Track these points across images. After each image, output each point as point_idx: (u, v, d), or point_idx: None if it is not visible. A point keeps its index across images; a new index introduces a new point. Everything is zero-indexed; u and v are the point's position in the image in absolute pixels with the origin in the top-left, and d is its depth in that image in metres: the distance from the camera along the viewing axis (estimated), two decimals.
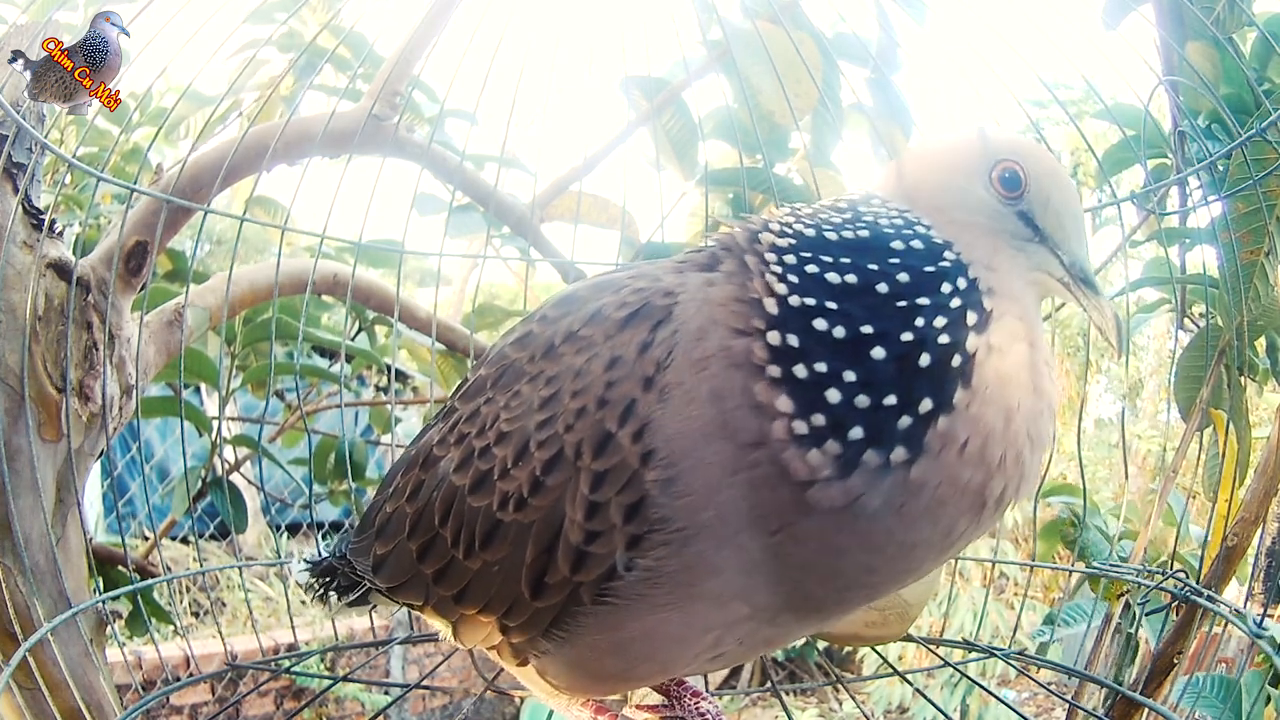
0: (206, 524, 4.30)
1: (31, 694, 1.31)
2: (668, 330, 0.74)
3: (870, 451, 0.68)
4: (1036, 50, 1.30)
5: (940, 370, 0.69)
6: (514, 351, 0.84)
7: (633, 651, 0.79)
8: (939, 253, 0.74)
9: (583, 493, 0.73)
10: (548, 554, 0.76)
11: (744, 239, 0.79)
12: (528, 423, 0.78)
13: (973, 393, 0.70)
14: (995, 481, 0.71)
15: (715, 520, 0.70)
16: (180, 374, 1.67)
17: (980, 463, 0.70)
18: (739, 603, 0.75)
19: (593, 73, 1.61)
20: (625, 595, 0.74)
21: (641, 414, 0.71)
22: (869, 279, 0.72)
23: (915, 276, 0.72)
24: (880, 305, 0.71)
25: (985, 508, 0.72)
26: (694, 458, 0.70)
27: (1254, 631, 1.18)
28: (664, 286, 0.78)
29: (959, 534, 0.73)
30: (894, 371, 0.69)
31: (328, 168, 1.72)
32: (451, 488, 0.84)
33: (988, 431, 0.70)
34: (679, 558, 0.72)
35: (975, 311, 0.72)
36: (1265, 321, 1.54)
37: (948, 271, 0.73)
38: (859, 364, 0.69)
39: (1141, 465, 5.91)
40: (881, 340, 0.70)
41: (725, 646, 0.80)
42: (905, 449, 0.68)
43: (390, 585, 0.93)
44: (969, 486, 0.70)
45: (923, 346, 0.70)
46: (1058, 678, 3.22)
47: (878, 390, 0.69)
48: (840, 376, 0.69)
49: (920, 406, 0.69)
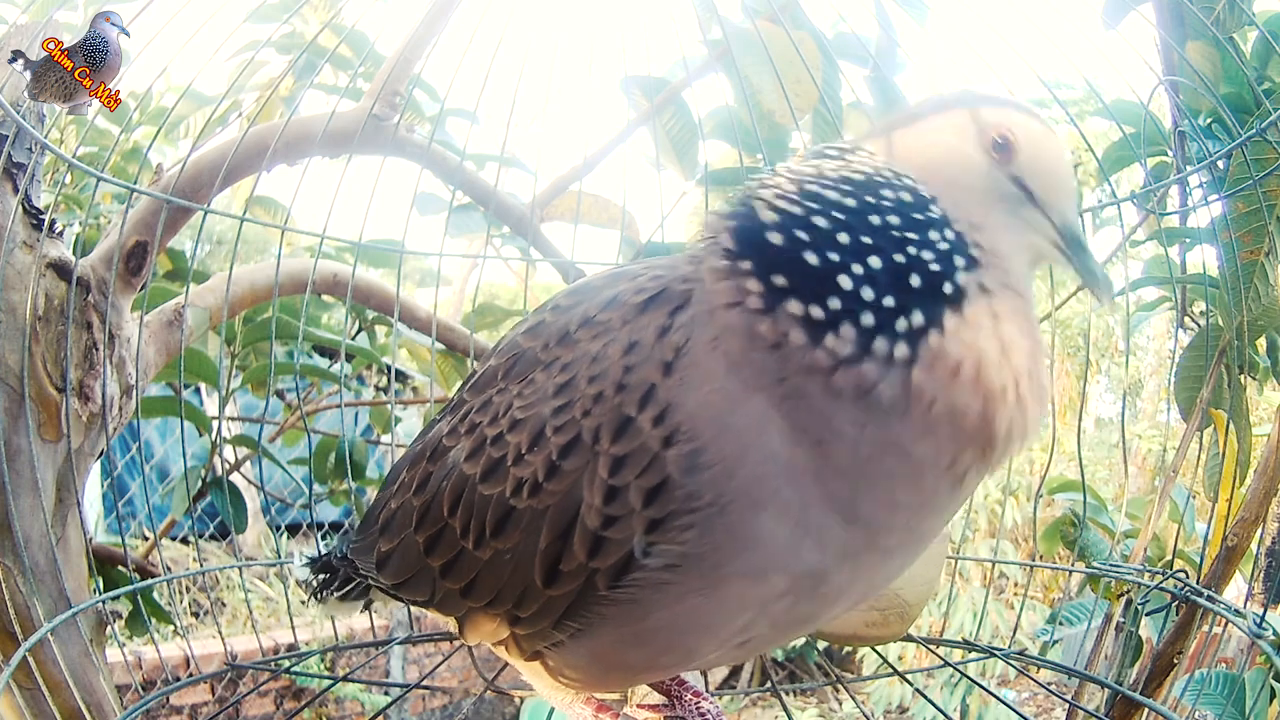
0: (206, 524, 4.30)
1: (31, 694, 1.31)
2: (686, 315, 0.74)
3: (879, 339, 0.70)
4: (1036, 50, 1.30)
5: (930, 292, 0.72)
6: (526, 340, 0.84)
7: (658, 642, 0.78)
8: (925, 204, 0.76)
9: (601, 477, 0.73)
10: (563, 540, 0.76)
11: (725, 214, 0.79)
12: (543, 409, 0.78)
13: (963, 320, 0.71)
14: (999, 413, 0.72)
15: (750, 483, 0.70)
16: (180, 374, 1.67)
17: (976, 389, 0.71)
18: (777, 575, 0.74)
19: (593, 72, 1.61)
20: (649, 584, 0.74)
21: (662, 398, 0.72)
22: (865, 208, 0.75)
23: (905, 220, 0.74)
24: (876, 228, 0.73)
25: (991, 443, 0.72)
26: (719, 427, 0.71)
27: (1254, 631, 1.18)
28: (682, 274, 0.78)
29: (963, 467, 0.73)
30: (889, 279, 0.71)
31: (328, 168, 1.72)
32: (462, 477, 0.83)
33: (981, 358, 0.71)
34: (708, 537, 0.71)
35: (963, 257, 0.74)
36: (1265, 321, 1.54)
37: (935, 221, 0.75)
38: (861, 262, 0.72)
39: (1141, 465, 5.92)
40: (878, 252, 0.72)
41: (756, 630, 0.79)
42: (907, 347, 0.70)
43: (395, 582, 0.93)
44: (968, 412, 0.71)
45: (912, 268, 0.72)
46: (1058, 678, 3.22)
47: (878, 288, 0.71)
48: (849, 267, 0.71)
49: (913, 317, 0.71)
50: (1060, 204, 0.80)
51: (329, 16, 2.05)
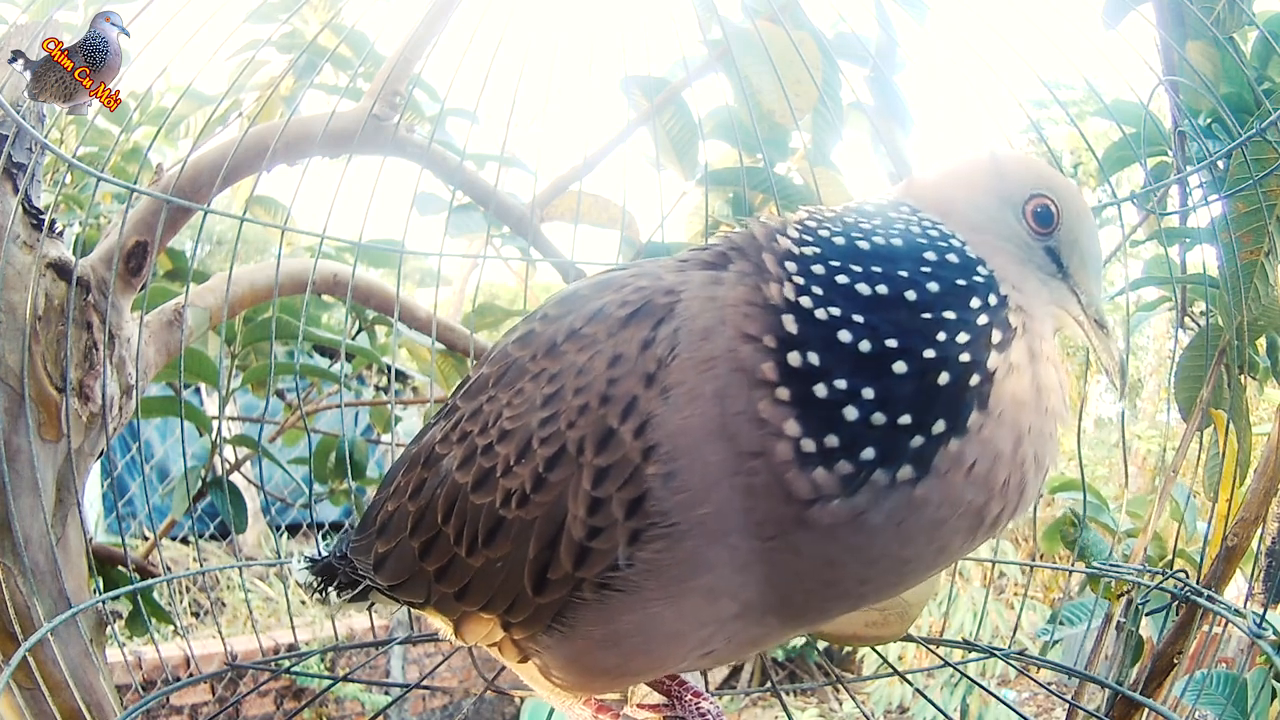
0: (206, 524, 4.30)
1: (31, 694, 1.31)
2: (669, 328, 0.74)
3: (879, 471, 0.67)
4: (1036, 50, 1.30)
5: (958, 390, 0.69)
6: (516, 350, 0.85)
7: (627, 645, 0.79)
8: (972, 267, 0.73)
9: (585, 489, 0.73)
10: (550, 550, 0.76)
11: (763, 238, 0.78)
12: (530, 420, 0.78)
13: (987, 414, 0.69)
14: (994, 504, 0.71)
15: (710, 517, 0.71)
16: (180, 374, 1.67)
17: (984, 485, 0.70)
18: (728, 600, 0.75)
19: (593, 72, 1.61)
20: (621, 587, 0.74)
21: (643, 410, 0.72)
22: (899, 287, 0.71)
23: (945, 288, 0.71)
24: (907, 317, 0.70)
25: (981, 528, 0.73)
26: (693, 455, 0.71)
27: (1254, 631, 1.18)
28: (665, 285, 0.78)
29: (952, 551, 0.74)
30: (912, 389, 0.68)
31: (328, 168, 1.72)
32: (454, 485, 0.84)
33: (995, 454, 0.70)
34: (673, 552, 0.72)
35: (1001, 330, 0.71)
36: (1265, 321, 1.54)
37: (978, 287, 0.72)
38: (879, 380, 0.68)
39: (1141, 465, 5.91)
40: (904, 355, 0.68)
41: (715, 644, 0.80)
42: (913, 468, 0.68)
43: (391, 583, 0.93)
44: (970, 507, 0.70)
45: (944, 365, 0.69)
46: (1058, 678, 3.22)
47: (894, 408, 0.68)
48: (859, 394, 0.68)
49: (934, 427, 0.68)
50: (1089, 284, 0.79)
51: (329, 16, 2.05)
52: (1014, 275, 0.76)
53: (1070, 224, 0.78)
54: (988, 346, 0.70)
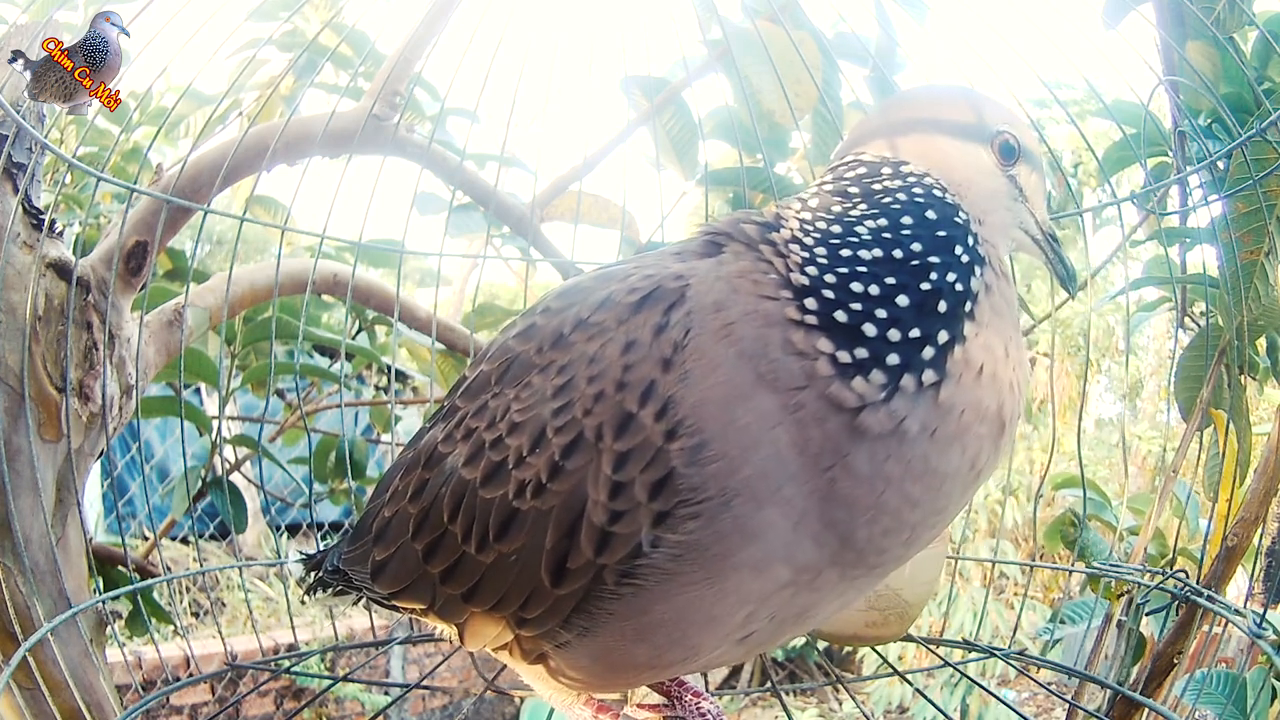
0: (206, 524, 4.30)
1: (31, 694, 1.31)
2: (682, 311, 0.75)
3: (907, 376, 0.74)
4: (1036, 50, 1.30)
5: (952, 310, 0.77)
6: (518, 345, 0.84)
7: (661, 636, 0.78)
8: (951, 216, 0.81)
9: (605, 473, 0.74)
10: (569, 538, 0.76)
11: (755, 233, 0.82)
12: (542, 411, 0.78)
13: (978, 324, 0.78)
14: (1007, 404, 0.78)
15: (755, 479, 0.72)
16: (180, 374, 1.67)
17: (994, 386, 0.77)
18: (780, 566, 0.75)
19: (593, 72, 1.61)
20: (652, 576, 0.74)
21: (662, 394, 0.73)
22: (888, 248, 0.78)
23: (929, 242, 0.79)
24: (900, 266, 0.78)
25: (1002, 432, 0.79)
26: (723, 421, 0.72)
27: (1254, 631, 1.18)
28: (673, 271, 0.79)
29: (982, 464, 0.78)
30: (915, 312, 0.76)
31: (328, 168, 1.72)
32: (461, 482, 0.83)
33: (994, 356, 0.78)
34: (712, 528, 0.72)
35: (979, 262, 0.80)
36: (1265, 321, 1.54)
37: (959, 234, 0.80)
38: (888, 307, 0.76)
39: (1141, 465, 5.91)
40: (904, 290, 0.76)
41: (757, 623, 0.79)
42: (934, 372, 0.74)
43: (392, 590, 0.92)
44: (989, 410, 0.77)
45: (940, 294, 0.77)
46: (1058, 678, 3.22)
47: (905, 325, 0.75)
48: (874, 314, 0.75)
49: (939, 337, 0.75)
50: (1040, 204, 0.90)
51: (330, 15, 2.05)
52: (984, 203, 0.85)
53: (1027, 154, 0.88)
54: (973, 275, 0.79)
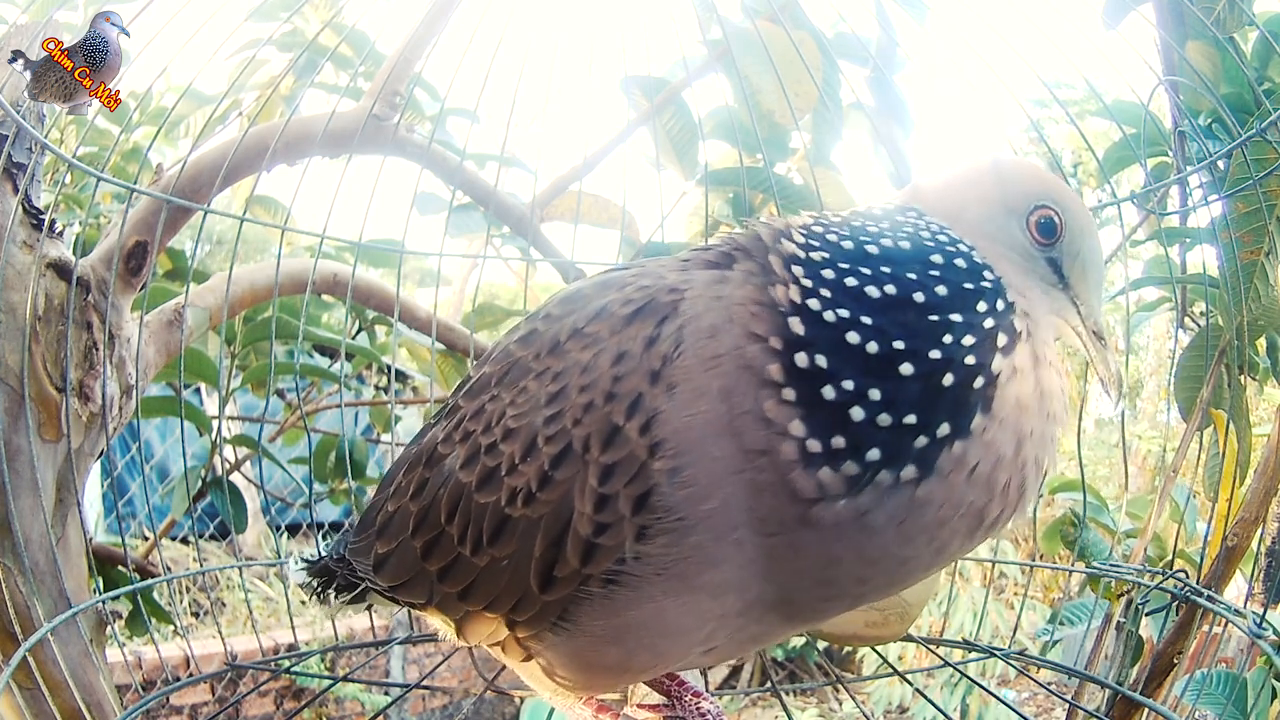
0: (206, 524, 4.30)
1: (31, 694, 1.31)
2: (673, 325, 0.74)
3: (884, 471, 0.68)
4: (1036, 50, 1.30)
5: (962, 392, 0.69)
6: (519, 349, 0.85)
7: (631, 641, 0.79)
8: (979, 271, 0.74)
9: (591, 485, 0.74)
10: (556, 547, 0.76)
11: (769, 239, 0.79)
12: (535, 418, 0.78)
13: (991, 418, 0.70)
14: (994, 505, 0.72)
15: (716, 513, 0.71)
16: (180, 374, 1.67)
17: (985, 487, 0.71)
18: (733, 596, 0.75)
19: (593, 72, 1.61)
20: (626, 583, 0.75)
21: (648, 407, 0.72)
22: (906, 289, 0.71)
23: (953, 291, 0.72)
24: (914, 319, 0.70)
25: (979, 529, 0.73)
26: (699, 451, 0.71)
27: (1254, 631, 1.18)
28: (668, 283, 0.79)
29: (950, 552, 0.75)
30: (918, 390, 0.69)
31: (328, 168, 1.72)
32: (458, 485, 0.84)
33: (998, 457, 0.70)
34: (679, 548, 0.72)
35: (1007, 334, 0.72)
36: (1265, 321, 1.53)
37: (986, 291, 0.73)
38: (886, 381, 0.69)
39: (1141, 465, 5.91)
40: (911, 357, 0.69)
41: (717, 640, 0.80)
42: (916, 468, 0.68)
43: (392, 584, 0.93)
44: (970, 509, 0.71)
45: (949, 366, 0.69)
46: (1058, 678, 3.21)
47: (900, 409, 0.68)
48: (866, 395, 0.68)
49: (939, 429, 0.68)
50: (1089, 296, 0.80)
51: (330, 15, 2.05)
52: (1018, 283, 0.76)
53: (1073, 235, 0.79)
54: (993, 349, 0.71)
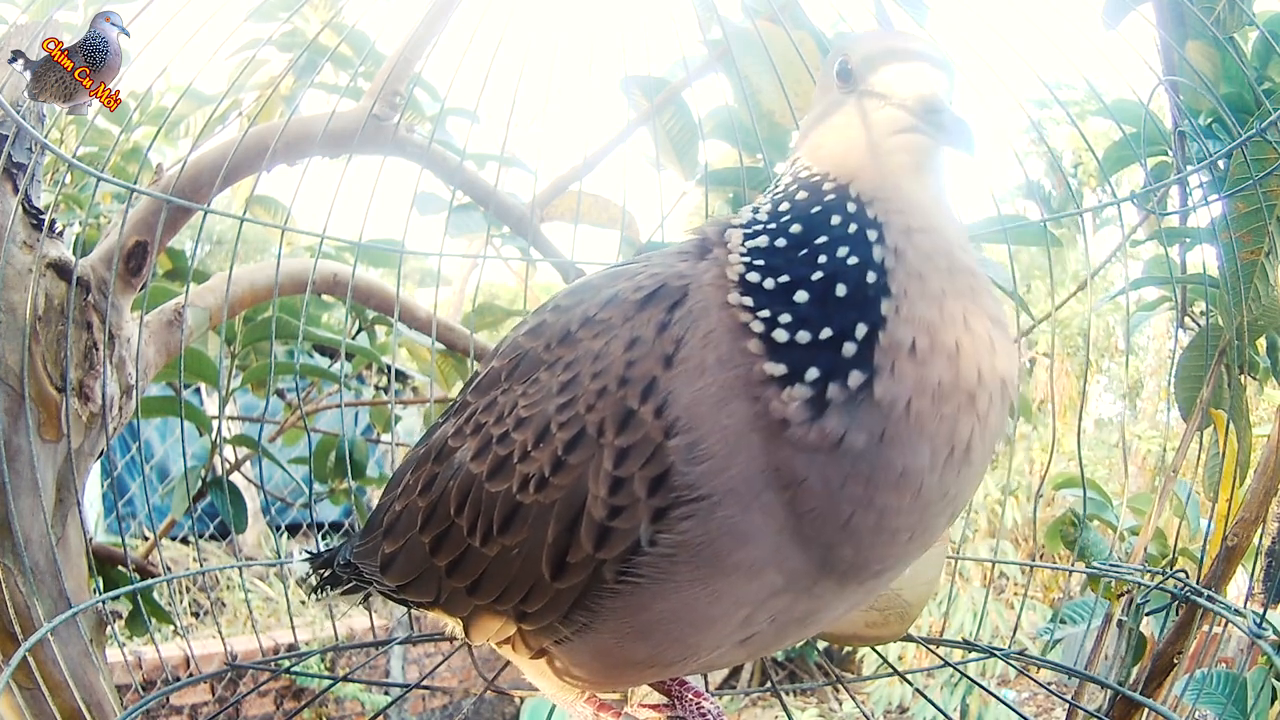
0: (206, 524, 4.30)
1: (31, 694, 1.31)
2: (683, 310, 0.77)
3: (832, 385, 0.71)
4: (1036, 50, 1.30)
5: (859, 291, 0.73)
6: (528, 341, 0.85)
7: (659, 634, 0.79)
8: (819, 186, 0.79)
9: (606, 469, 0.75)
10: (570, 533, 0.77)
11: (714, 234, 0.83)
12: (547, 406, 0.79)
13: (898, 298, 0.73)
14: (965, 370, 0.72)
15: (738, 482, 0.72)
16: (180, 374, 1.67)
17: (942, 357, 0.71)
18: (772, 571, 0.75)
19: (593, 72, 1.61)
20: (650, 574, 0.75)
21: (663, 390, 0.74)
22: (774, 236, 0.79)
23: (805, 221, 0.78)
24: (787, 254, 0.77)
25: (975, 400, 0.73)
26: (711, 422, 0.73)
27: (1254, 631, 1.18)
28: (677, 271, 0.81)
29: (967, 439, 0.73)
30: (819, 308, 0.73)
31: (328, 168, 1.72)
32: (468, 476, 0.84)
33: (927, 324, 0.72)
34: (704, 528, 0.72)
35: (871, 227, 0.75)
36: (1265, 321, 1.54)
37: (833, 204, 0.77)
38: (790, 307, 0.74)
39: (1141, 465, 5.91)
40: (800, 284, 0.74)
41: (757, 626, 0.79)
42: (860, 372, 0.71)
43: (400, 583, 0.93)
44: (945, 387, 0.71)
45: (835, 278, 0.74)
46: (1058, 678, 3.22)
47: (812, 325, 0.73)
48: (777, 320, 0.74)
49: (856, 330, 0.72)
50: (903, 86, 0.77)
51: (330, 15, 2.05)
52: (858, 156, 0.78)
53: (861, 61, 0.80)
54: (868, 244, 0.75)
